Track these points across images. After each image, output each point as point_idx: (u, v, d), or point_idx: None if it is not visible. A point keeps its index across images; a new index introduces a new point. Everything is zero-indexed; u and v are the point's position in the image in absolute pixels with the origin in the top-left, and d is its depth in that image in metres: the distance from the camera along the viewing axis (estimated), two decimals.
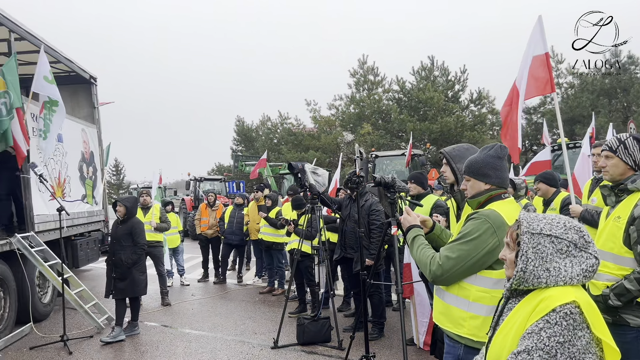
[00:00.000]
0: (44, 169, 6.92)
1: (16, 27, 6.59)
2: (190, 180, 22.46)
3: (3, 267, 6.18)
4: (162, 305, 7.99)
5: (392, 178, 3.62)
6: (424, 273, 2.45)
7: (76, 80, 9.32)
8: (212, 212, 10.21)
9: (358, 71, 28.38)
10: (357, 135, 27.06)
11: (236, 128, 39.80)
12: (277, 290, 8.71)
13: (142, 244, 6.31)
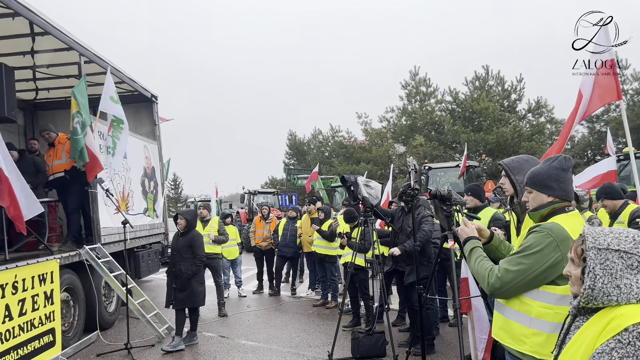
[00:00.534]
0: (110, 184, 7.29)
1: (85, 51, 7.03)
2: (245, 193, 22.95)
3: (73, 277, 6.54)
4: (219, 316, 8.18)
5: (447, 190, 3.58)
6: (482, 286, 2.40)
7: (139, 99, 9.80)
8: (266, 224, 10.40)
9: (410, 83, 28.20)
10: (409, 147, 26.81)
11: (288, 142, 40.44)
12: (330, 303, 8.71)
13: (201, 256, 6.51)
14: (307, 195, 22.87)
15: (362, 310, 7.42)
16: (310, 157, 35.57)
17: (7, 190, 5.40)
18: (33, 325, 5.34)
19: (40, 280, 5.50)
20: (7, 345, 4.88)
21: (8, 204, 5.47)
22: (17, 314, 5.06)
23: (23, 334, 5.15)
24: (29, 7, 5.59)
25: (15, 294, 5.04)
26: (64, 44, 6.52)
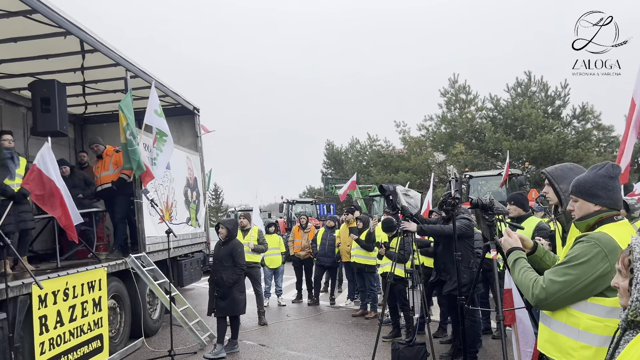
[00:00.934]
0: (155, 194, 7.51)
1: (131, 66, 7.30)
2: (284, 203, 23.15)
3: (119, 285, 6.76)
4: (260, 325, 8.25)
5: (489, 199, 3.52)
6: (526, 297, 2.35)
7: (181, 111, 10.09)
8: (305, 234, 10.45)
9: (449, 90, 27.84)
10: (449, 156, 26.41)
11: (326, 151, 40.60)
12: (370, 314, 8.65)
13: (242, 265, 6.61)
14: (344, 205, 22.85)
15: (402, 321, 7.33)
16: (348, 167, 35.56)
17: (59, 201, 5.66)
18: (82, 331, 5.54)
19: (89, 288, 5.72)
20: (58, 350, 5.08)
21: (60, 213, 5.74)
22: (68, 320, 5.26)
23: (73, 339, 5.35)
24: (80, 27, 5.87)
25: (66, 301, 5.25)
26: (112, 60, 6.80)
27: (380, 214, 17.14)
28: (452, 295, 5.71)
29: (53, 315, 5.02)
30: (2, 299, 4.38)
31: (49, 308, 4.96)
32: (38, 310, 4.78)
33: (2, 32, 5.74)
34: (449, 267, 5.89)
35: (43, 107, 6.16)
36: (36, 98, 6.22)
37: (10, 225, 5.60)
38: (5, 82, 7.65)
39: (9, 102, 8.09)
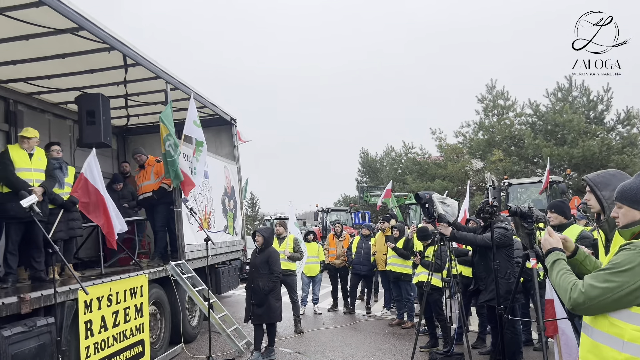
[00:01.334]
0: (194, 203, 7.69)
1: (171, 79, 7.53)
2: (318, 211, 23.24)
3: (160, 292, 6.93)
4: (296, 333, 8.29)
5: (529, 207, 3.45)
6: (563, 299, 2.29)
7: (219, 122, 10.31)
8: (339, 242, 10.46)
9: (486, 96, 27.38)
10: (487, 163, 25.93)
11: (361, 159, 40.56)
12: (406, 323, 8.56)
13: (278, 272, 6.68)
14: (380, 213, 22.73)
15: (439, 331, 7.23)
16: (383, 175, 35.42)
17: (102, 209, 5.88)
18: (125, 336, 5.71)
19: (131, 294, 5.90)
20: (102, 354, 5.25)
21: (103, 221, 5.96)
22: (112, 325, 5.44)
23: (116, 344, 5.52)
24: (123, 42, 6.11)
25: (109, 306, 5.43)
26: (152, 73, 7.04)
27: (417, 222, 16.97)
28: (492, 306, 5.61)
29: (98, 320, 5.20)
30: (50, 304, 4.57)
31: (94, 313, 5.14)
32: (84, 315, 4.96)
33: (52, 49, 6.04)
34: (484, 276, 5.79)
35: (88, 119, 6.43)
36: (82, 111, 6.50)
37: (60, 232, 5.87)
38: (54, 97, 8.02)
39: (57, 115, 8.47)
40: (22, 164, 5.58)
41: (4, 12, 4.96)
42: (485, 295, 5.80)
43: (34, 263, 5.71)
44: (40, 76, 6.99)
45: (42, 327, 4.35)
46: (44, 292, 4.57)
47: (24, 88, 7.45)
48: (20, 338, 4.09)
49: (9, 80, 7.05)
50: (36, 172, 5.68)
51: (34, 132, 5.79)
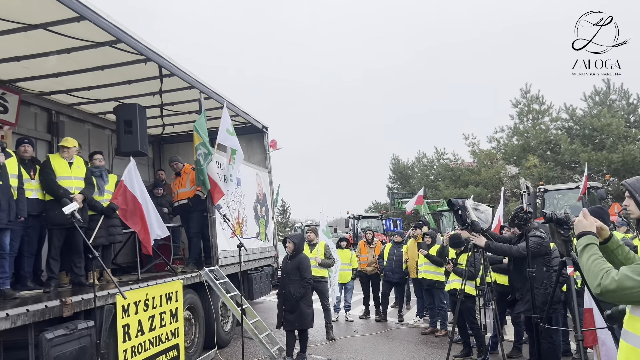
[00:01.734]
0: (227, 209, 7.81)
1: (205, 88, 7.70)
2: (349, 218, 23.19)
3: (194, 297, 7.06)
4: (327, 340, 8.29)
5: (565, 214, 3.38)
6: (590, 285, 2.22)
7: (251, 130, 10.47)
8: (371, 249, 10.42)
9: (520, 101, 26.85)
10: (521, 169, 25.39)
11: (392, 166, 40.31)
12: (439, 332, 8.44)
13: (309, 278, 6.71)
14: (411, 220, 22.53)
15: (472, 340, 7.11)
16: (415, 181, 35.08)
17: (139, 216, 6.04)
18: (160, 340, 5.83)
19: (167, 299, 6.03)
20: (139, 358, 5.37)
21: (139, 227, 6.13)
22: (148, 329, 5.56)
23: (152, 348, 5.64)
24: (159, 53, 6.30)
25: (146, 311, 5.57)
26: (187, 83, 7.21)
27: (449, 229, 16.75)
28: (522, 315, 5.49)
29: (135, 324, 5.33)
30: (90, 307, 4.73)
31: (131, 317, 5.28)
32: (121, 319, 5.09)
33: (91, 61, 6.27)
34: (520, 286, 5.64)
35: (126, 129, 6.63)
36: (120, 121, 6.71)
37: (100, 238, 6.07)
38: (93, 107, 8.32)
39: (96, 125, 8.78)
40: (63, 172, 5.80)
41: (48, 27, 5.19)
42: (522, 305, 5.64)
43: (75, 268, 5.91)
44: (81, 88, 7.27)
45: (82, 330, 4.50)
46: (84, 296, 4.73)
47: (66, 99, 7.76)
48: (62, 340, 4.24)
49: (52, 92, 7.35)
50: (76, 179, 5.90)
51: (73, 142, 6.03)
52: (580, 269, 2.60)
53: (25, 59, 5.96)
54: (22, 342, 4.06)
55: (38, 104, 7.43)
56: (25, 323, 4.00)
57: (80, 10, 4.80)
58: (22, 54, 5.85)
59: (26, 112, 7.19)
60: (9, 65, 6.12)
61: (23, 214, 5.22)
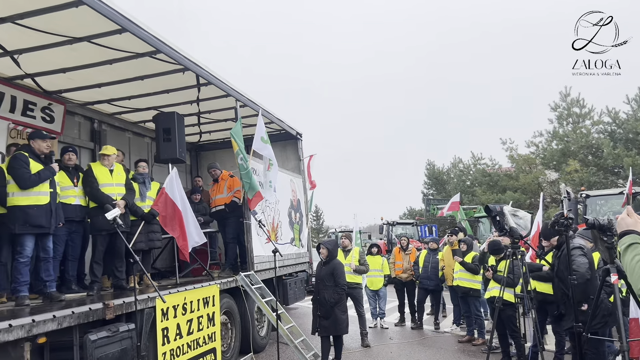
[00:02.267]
0: (262, 215, 7.90)
1: (240, 96, 7.83)
2: (384, 224, 23.03)
3: (230, 302, 7.15)
4: (362, 347, 8.24)
5: (608, 220, 3.28)
6: (634, 286, 2.11)
7: (285, 137, 10.57)
8: (405, 255, 10.32)
9: (560, 104, 26.14)
10: (562, 174, 24.67)
11: (427, 172, 39.84)
12: (477, 340, 8.27)
13: (343, 284, 6.70)
14: (447, 226, 22.19)
15: (512, 349, 6.93)
16: (451, 187, 34.55)
17: (178, 223, 6.19)
18: (198, 344, 5.94)
19: (204, 303, 6.13)
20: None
21: (178, 234, 6.26)
22: (186, 333, 5.68)
23: (190, 352, 5.75)
24: (197, 63, 6.45)
25: (184, 315, 5.68)
26: (223, 91, 7.36)
27: (487, 235, 16.43)
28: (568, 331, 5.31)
29: (173, 327, 5.45)
30: (131, 310, 4.86)
31: (170, 321, 5.40)
32: (161, 322, 5.22)
33: (132, 71, 6.48)
34: (565, 300, 5.43)
35: (165, 136, 6.81)
36: (159, 129, 6.90)
37: (140, 243, 6.24)
38: (133, 116, 8.58)
39: (136, 133, 9.05)
40: (105, 179, 6.02)
41: (92, 39, 5.40)
42: (568, 322, 5.40)
43: (117, 272, 6.10)
44: (122, 97, 7.51)
45: (124, 333, 4.63)
46: (125, 300, 4.87)
47: (108, 109, 8.03)
48: (105, 342, 4.37)
49: (95, 102, 7.63)
50: (117, 186, 6.11)
51: (113, 149, 6.26)
52: (624, 276, 2.51)
53: (71, 71, 6.22)
54: (67, 343, 4.21)
55: (82, 113, 7.73)
56: (70, 325, 4.15)
57: (122, 23, 4.98)
58: (67, 66, 6.11)
59: (71, 121, 7.49)
60: (56, 77, 6.40)
61: (62, 220, 5.43)
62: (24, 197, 4.96)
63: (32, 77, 6.34)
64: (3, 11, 4.72)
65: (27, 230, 4.92)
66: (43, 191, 5.06)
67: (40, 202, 5.01)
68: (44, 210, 5.01)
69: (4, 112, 6.22)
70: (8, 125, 6.29)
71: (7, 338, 3.50)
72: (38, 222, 4.96)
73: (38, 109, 6.74)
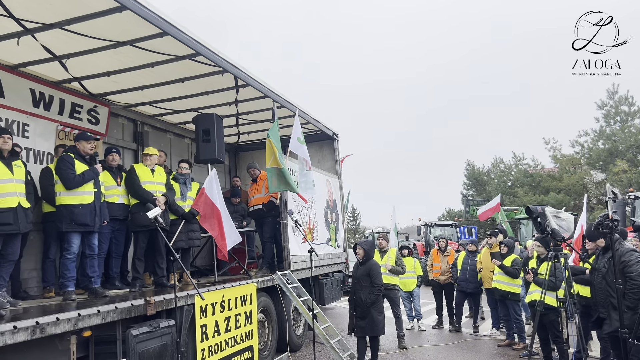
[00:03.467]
0: (298, 215, 7.96)
1: (278, 97, 7.91)
2: (422, 225, 22.75)
3: (267, 300, 7.23)
4: (399, 348, 8.18)
5: None
6: None
7: (321, 137, 10.61)
8: (444, 257, 10.17)
9: (607, 102, 25.19)
10: (608, 174, 23.75)
11: (466, 172, 39.14)
12: (517, 344, 8.06)
13: (379, 285, 6.66)
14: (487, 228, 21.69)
15: (555, 354, 6.72)
16: (491, 188, 33.81)
17: (217, 223, 6.30)
18: (236, 341, 6.03)
19: (241, 301, 6.23)
20: (216, 358, 5.58)
21: (217, 233, 6.37)
22: (224, 330, 5.78)
23: (228, 349, 5.85)
24: (235, 64, 6.56)
25: (222, 312, 5.78)
26: (261, 92, 7.45)
27: (528, 238, 15.99)
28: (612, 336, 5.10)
29: (212, 324, 5.56)
30: (171, 307, 4.99)
31: (209, 318, 5.50)
32: (200, 319, 5.33)
33: (173, 74, 6.65)
34: (608, 303, 5.21)
35: (204, 137, 6.94)
36: (199, 130, 7.04)
37: (180, 242, 6.40)
38: (174, 117, 8.80)
39: (177, 134, 9.28)
40: (146, 177, 6.22)
41: (135, 43, 5.57)
42: (609, 326, 5.19)
43: (157, 269, 6.26)
44: (163, 99, 7.72)
45: (164, 329, 4.75)
46: (165, 296, 5.00)
47: (149, 110, 8.27)
48: (146, 337, 4.50)
49: (138, 104, 7.86)
50: (158, 184, 6.29)
51: (154, 150, 6.47)
52: None
53: (115, 74, 6.43)
54: (110, 338, 4.36)
55: (125, 115, 7.98)
56: (113, 319, 4.30)
57: (163, 27, 5.12)
58: (112, 69, 6.33)
59: (115, 123, 7.75)
60: (101, 80, 6.64)
61: (106, 219, 5.64)
62: (70, 197, 5.18)
63: (78, 80, 6.60)
64: (52, 18, 4.94)
65: (73, 228, 5.14)
66: (87, 191, 5.27)
67: (85, 202, 5.22)
68: (88, 209, 5.22)
69: (53, 114, 6.51)
70: (57, 127, 6.57)
71: (55, 331, 3.66)
72: (83, 221, 5.17)
73: (84, 111, 7.01)
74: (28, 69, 6.07)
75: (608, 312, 5.10)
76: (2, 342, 3.22)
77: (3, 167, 4.58)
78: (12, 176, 4.61)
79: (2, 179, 4.54)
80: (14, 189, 4.60)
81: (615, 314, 4.77)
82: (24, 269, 5.76)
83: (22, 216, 4.62)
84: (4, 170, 4.58)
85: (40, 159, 6.30)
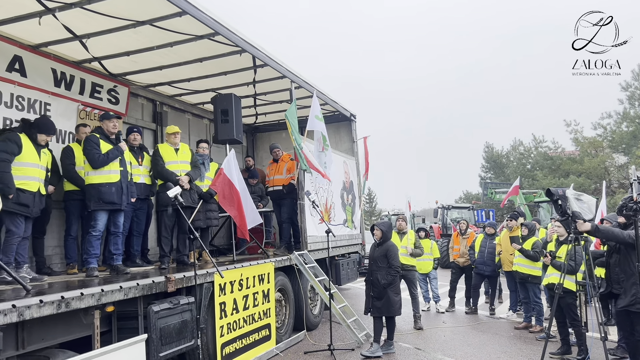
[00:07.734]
0: (315, 196, 7.98)
1: (296, 78, 7.88)
2: (439, 208, 22.64)
3: (284, 280, 7.31)
4: (415, 329, 8.22)
5: None
6: None
7: (339, 118, 10.56)
8: (463, 240, 10.13)
9: (632, 83, 24.59)
10: (631, 157, 23.30)
11: (485, 154, 38.79)
12: (535, 327, 8.03)
13: (396, 266, 6.68)
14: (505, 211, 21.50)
15: (572, 337, 6.69)
16: (510, 170, 33.50)
17: (236, 203, 6.36)
18: (254, 319, 6.13)
19: (259, 280, 6.31)
20: (234, 335, 5.69)
21: (236, 213, 6.43)
22: (242, 308, 5.87)
23: (246, 326, 5.95)
24: (253, 44, 6.54)
25: (240, 290, 5.87)
26: (279, 73, 7.43)
27: (547, 221, 15.83)
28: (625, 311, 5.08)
29: (230, 302, 5.65)
30: (191, 284, 5.07)
31: (227, 296, 5.59)
32: (219, 297, 5.42)
33: (191, 54, 6.65)
34: (622, 279, 5.19)
35: (222, 118, 6.97)
36: (217, 110, 7.07)
37: (199, 221, 6.48)
38: (192, 98, 8.83)
39: (195, 115, 9.32)
40: (170, 157, 6.32)
41: (154, 22, 5.58)
42: (624, 300, 5.18)
43: (181, 247, 6.37)
44: (182, 79, 7.75)
45: (184, 305, 4.85)
46: (185, 274, 5.08)
47: (168, 90, 8.31)
48: (167, 313, 4.59)
49: (156, 84, 7.91)
50: (182, 163, 6.38)
51: (176, 128, 6.51)
52: None
53: (134, 54, 6.47)
54: (132, 313, 4.46)
55: (144, 95, 8.03)
56: (135, 295, 4.39)
57: (182, 6, 5.12)
58: (131, 49, 6.35)
59: (134, 103, 7.81)
60: (120, 60, 6.68)
61: (134, 196, 5.73)
62: (97, 176, 5.27)
63: (99, 60, 6.64)
64: None
65: (100, 206, 5.25)
66: (114, 170, 5.35)
67: (112, 180, 5.31)
68: (115, 188, 5.31)
69: (74, 94, 6.58)
70: (78, 107, 6.64)
71: (79, 305, 3.75)
72: (110, 199, 5.27)
73: (104, 91, 7.07)
74: (49, 48, 6.12)
75: (624, 288, 5.11)
76: (29, 316, 3.31)
77: (34, 152, 4.83)
78: (39, 162, 4.87)
79: (31, 162, 4.77)
80: (38, 174, 4.85)
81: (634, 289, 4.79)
82: (47, 246, 5.90)
83: (38, 202, 4.86)
84: (34, 155, 4.83)
85: (63, 139, 6.39)
